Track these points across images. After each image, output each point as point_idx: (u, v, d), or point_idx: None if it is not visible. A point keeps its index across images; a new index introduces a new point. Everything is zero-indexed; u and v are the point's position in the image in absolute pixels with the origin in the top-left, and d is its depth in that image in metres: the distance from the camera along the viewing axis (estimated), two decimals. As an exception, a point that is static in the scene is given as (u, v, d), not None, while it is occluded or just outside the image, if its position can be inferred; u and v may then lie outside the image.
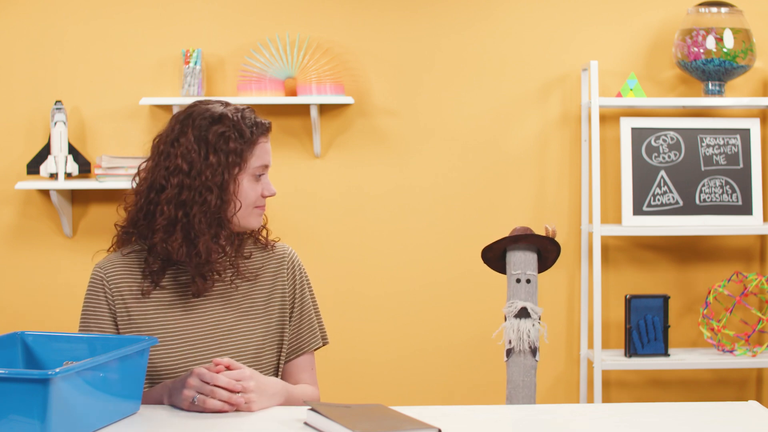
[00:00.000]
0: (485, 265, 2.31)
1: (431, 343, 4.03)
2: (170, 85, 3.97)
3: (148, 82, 3.98)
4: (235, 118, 2.18)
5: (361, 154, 4.01)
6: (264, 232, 2.31)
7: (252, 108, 2.25)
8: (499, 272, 2.32)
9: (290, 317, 2.28)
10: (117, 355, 1.85)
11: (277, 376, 2.26)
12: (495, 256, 2.29)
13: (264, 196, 2.21)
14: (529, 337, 2.17)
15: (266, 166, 2.22)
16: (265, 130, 2.22)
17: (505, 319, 2.23)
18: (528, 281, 2.21)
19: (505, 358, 2.20)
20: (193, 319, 2.19)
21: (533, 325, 2.17)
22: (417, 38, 3.99)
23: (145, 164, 2.21)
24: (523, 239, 2.23)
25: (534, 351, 2.18)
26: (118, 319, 2.17)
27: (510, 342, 2.19)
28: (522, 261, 2.23)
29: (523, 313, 2.19)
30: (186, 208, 2.13)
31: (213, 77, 3.98)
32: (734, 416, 1.97)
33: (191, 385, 1.99)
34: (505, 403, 2.19)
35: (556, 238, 2.25)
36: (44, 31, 3.99)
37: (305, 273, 2.33)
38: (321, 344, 2.33)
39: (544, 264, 2.28)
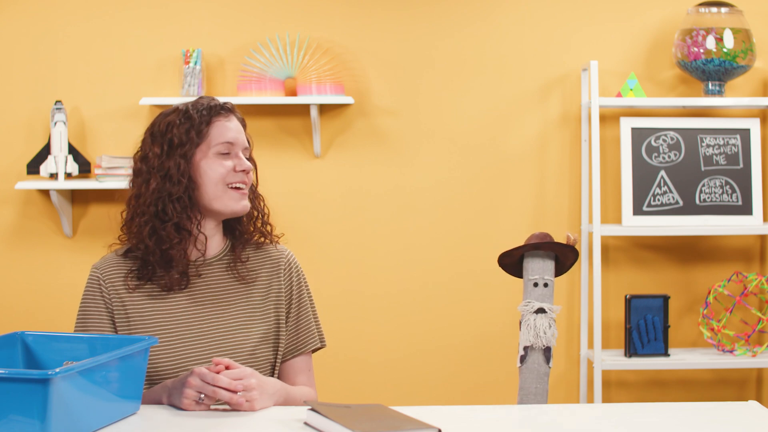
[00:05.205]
0: (498, 268, 2.31)
1: (431, 343, 4.03)
2: (170, 85, 3.97)
3: (148, 82, 3.98)
4: (185, 108, 2.22)
5: (361, 154, 4.00)
6: (258, 237, 2.31)
7: (212, 97, 2.27)
8: (515, 276, 2.31)
9: (287, 318, 2.28)
10: (117, 355, 1.86)
11: (273, 377, 2.26)
12: (512, 261, 2.28)
13: (236, 171, 2.20)
14: (545, 334, 2.17)
15: (230, 143, 2.21)
16: (221, 110, 2.22)
17: (521, 319, 2.22)
18: (545, 285, 2.22)
19: (519, 364, 2.19)
20: (190, 319, 2.19)
21: (549, 325, 2.17)
22: (417, 38, 3.99)
23: None
24: (542, 247, 2.23)
25: (548, 354, 2.17)
26: (116, 317, 2.18)
27: (524, 347, 2.18)
28: (540, 267, 2.22)
29: (540, 312, 2.19)
30: (139, 199, 2.19)
31: (213, 77, 3.98)
32: (734, 416, 1.97)
33: (192, 384, 1.99)
34: None
35: (575, 246, 2.26)
36: (44, 31, 3.99)
37: (303, 275, 2.34)
38: (318, 345, 2.33)
39: (560, 268, 2.28)
